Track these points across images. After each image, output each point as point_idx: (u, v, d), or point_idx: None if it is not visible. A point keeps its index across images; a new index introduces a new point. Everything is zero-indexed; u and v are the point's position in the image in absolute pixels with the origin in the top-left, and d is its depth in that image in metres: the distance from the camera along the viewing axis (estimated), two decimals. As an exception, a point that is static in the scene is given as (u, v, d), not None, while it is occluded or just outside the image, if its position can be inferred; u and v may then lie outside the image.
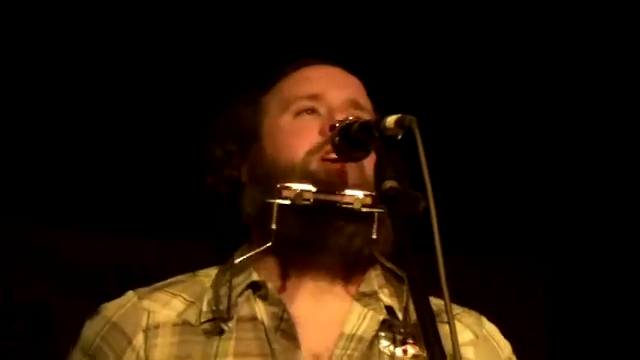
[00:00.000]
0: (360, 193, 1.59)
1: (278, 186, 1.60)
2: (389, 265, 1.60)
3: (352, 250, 1.61)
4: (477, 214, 4.14)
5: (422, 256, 1.41)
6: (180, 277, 1.70)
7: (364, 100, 1.71)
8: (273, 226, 1.58)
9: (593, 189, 4.23)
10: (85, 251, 3.96)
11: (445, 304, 1.35)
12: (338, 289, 1.64)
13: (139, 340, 1.59)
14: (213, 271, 1.69)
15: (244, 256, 1.62)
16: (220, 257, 1.71)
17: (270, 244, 1.59)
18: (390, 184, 1.46)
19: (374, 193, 1.56)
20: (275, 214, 1.58)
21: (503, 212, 4.21)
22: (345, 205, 1.58)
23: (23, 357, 3.91)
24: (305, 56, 1.79)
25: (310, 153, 1.62)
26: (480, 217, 4.16)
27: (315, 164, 1.61)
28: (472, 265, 3.88)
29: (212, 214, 1.72)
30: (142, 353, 1.59)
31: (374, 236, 1.59)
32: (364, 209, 1.59)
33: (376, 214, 1.58)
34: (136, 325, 1.61)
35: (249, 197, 1.66)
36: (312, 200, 1.59)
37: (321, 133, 1.62)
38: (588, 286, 4.37)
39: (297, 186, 1.59)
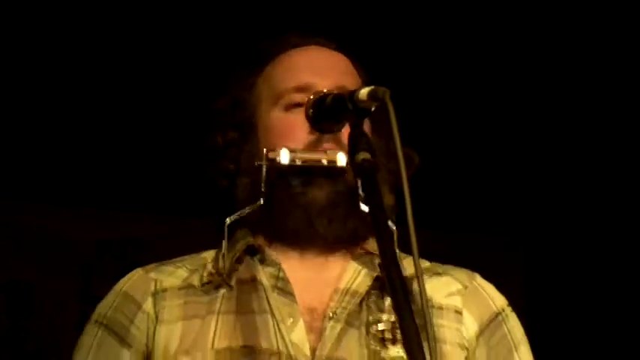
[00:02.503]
0: (342, 155, 1.63)
1: (265, 149, 1.67)
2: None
3: (340, 206, 1.66)
4: (456, 189, 4.16)
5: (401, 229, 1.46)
6: (183, 257, 1.78)
7: (352, 83, 1.73)
8: (263, 188, 1.65)
9: (572, 162, 4.27)
10: (64, 227, 3.97)
11: (414, 262, 1.39)
12: (335, 250, 1.71)
13: (149, 304, 1.69)
14: (212, 251, 1.77)
15: (236, 215, 1.68)
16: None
17: (260, 202, 1.65)
18: (363, 155, 1.49)
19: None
20: (264, 175, 1.65)
21: (482, 187, 4.24)
22: (329, 164, 1.64)
23: (3, 331, 3.93)
24: (291, 29, 1.83)
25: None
26: (459, 192, 4.18)
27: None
28: (452, 241, 3.91)
29: (211, 203, 1.78)
30: (152, 315, 1.68)
31: (360, 192, 1.62)
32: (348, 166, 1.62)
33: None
34: (144, 292, 1.70)
35: (243, 183, 1.72)
36: (298, 160, 1.65)
37: (305, 111, 1.66)
38: (568, 261, 4.41)
39: (284, 150, 1.66)
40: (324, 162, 1.65)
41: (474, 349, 1.70)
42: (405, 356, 1.48)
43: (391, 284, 1.39)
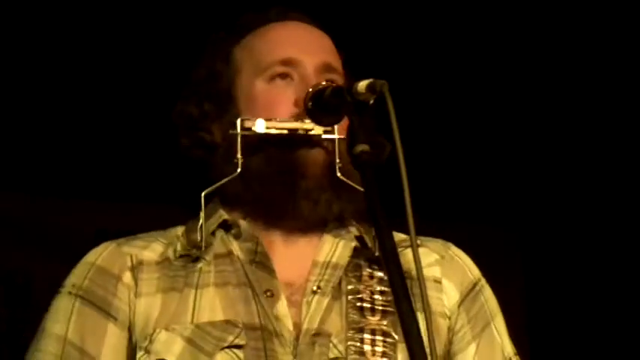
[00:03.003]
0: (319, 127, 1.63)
1: (240, 119, 1.66)
2: (352, 184, 1.63)
3: (323, 177, 1.66)
4: (453, 179, 4.17)
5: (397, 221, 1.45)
6: (152, 232, 1.76)
7: (336, 62, 1.75)
8: (239, 156, 1.64)
9: (568, 150, 4.27)
10: (63, 217, 3.98)
11: (410, 233, 1.41)
12: (310, 221, 1.70)
13: (128, 277, 1.67)
14: (181, 227, 1.75)
15: (212, 187, 1.67)
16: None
17: (238, 171, 1.64)
18: (361, 147, 1.50)
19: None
20: (239, 144, 1.64)
21: (478, 177, 4.24)
22: (307, 132, 1.64)
23: (1, 322, 3.94)
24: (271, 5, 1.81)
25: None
26: (456, 182, 4.18)
27: None
28: (449, 231, 3.92)
29: (185, 174, 1.76)
30: (132, 287, 1.66)
31: (337, 161, 1.64)
32: (325, 135, 1.64)
33: (336, 140, 1.64)
34: (121, 266, 1.68)
35: (220, 154, 1.70)
36: (274, 128, 1.65)
37: (296, 104, 1.66)
38: (567, 251, 4.41)
39: (261, 120, 1.65)
40: (301, 131, 1.65)
41: (455, 317, 1.72)
42: (383, 325, 1.61)
43: (391, 280, 1.41)
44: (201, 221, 1.68)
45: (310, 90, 1.62)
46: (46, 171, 3.87)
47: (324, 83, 1.63)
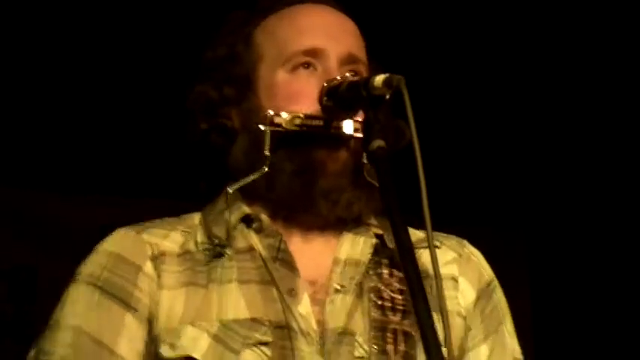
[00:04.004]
0: (349, 123, 1.61)
1: (269, 113, 1.62)
2: (373, 180, 1.60)
3: (344, 176, 1.63)
4: (457, 181, 4.17)
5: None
6: (167, 218, 1.73)
7: (360, 51, 1.71)
8: (267, 152, 1.60)
9: (571, 150, 4.28)
10: (68, 213, 3.98)
11: (427, 230, 1.41)
12: (329, 220, 1.67)
13: (149, 267, 1.62)
14: (196, 214, 1.72)
15: (240, 183, 1.63)
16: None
17: (265, 169, 1.61)
18: (377, 143, 1.49)
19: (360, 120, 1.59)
20: (268, 140, 1.61)
21: (482, 179, 4.25)
22: (335, 131, 1.61)
23: (7, 317, 3.94)
24: None
25: None
26: (461, 185, 4.18)
27: None
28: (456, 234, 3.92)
29: (200, 161, 1.72)
30: (155, 278, 1.62)
31: (364, 160, 1.60)
32: (356, 134, 1.61)
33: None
34: (141, 255, 1.63)
35: (241, 144, 1.67)
36: (303, 126, 1.61)
37: (319, 97, 1.62)
38: (572, 252, 4.42)
39: (288, 115, 1.62)
40: (331, 129, 1.62)
41: (471, 316, 1.71)
42: (404, 324, 1.60)
43: (407, 275, 1.40)
44: (226, 216, 1.65)
45: (325, 85, 1.61)
46: (49, 167, 3.88)
47: (338, 78, 1.61)
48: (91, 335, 1.59)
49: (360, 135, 1.60)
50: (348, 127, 1.61)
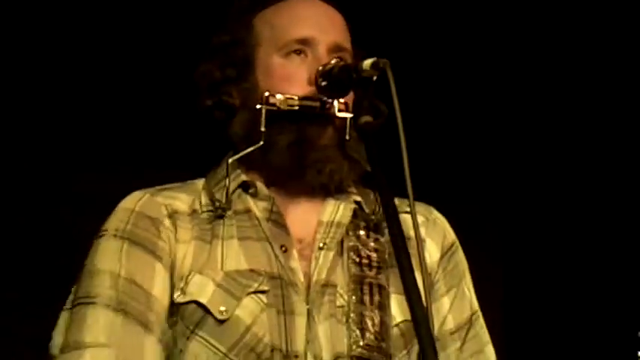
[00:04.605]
0: (336, 104, 1.82)
1: (265, 94, 1.83)
2: (355, 154, 1.83)
3: (330, 150, 1.85)
4: (434, 157, 4.20)
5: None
6: (174, 184, 1.95)
7: (346, 41, 1.92)
8: (263, 129, 1.82)
9: (547, 132, 4.36)
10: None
11: (409, 199, 1.62)
12: (315, 187, 1.89)
13: (168, 222, 1.85)
14: (200, 180, 1.95)
15: (239, 155, 1.86)
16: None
17: (261, 143, 1.82)
18: (365, 118, 1.70)
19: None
20: (264, 118, 1.82)
21: (458, 156, 4.34)
22: (323, 111, 1.83)
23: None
24: None
25: None
26: (437, 161, 4.21)
27: None
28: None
29: (205, 132, 1.94)
30: (173, 232, 1.84)
31: (347, 137, 1.82)
32: (340, 114, 1.82)
33: (348, 119, 1.81)
34: (159, 213, 1.85)
35: (240, 120, 1.89)
36: (296, 106, 1.83)
37: (309, 82, 1.84)
38: (545, 225, 4.49)
39: (282, 96, 1.84)
40: (320, 110, 1.83)
41: (435, 272, 1.95)
42: (379, 279, 1.83)
43: (392, 233, 1.60)
44: (226, 183, 1.87)
45: (320, 68, 1.81)
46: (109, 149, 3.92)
47: (332, 62, 1.81)
48: (129, 278, 1.80)
49: (344, 115, 1.82)
50: (335, 107, 1.82)
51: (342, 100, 1.82)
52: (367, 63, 1.71)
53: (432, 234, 1.97)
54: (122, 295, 1.78)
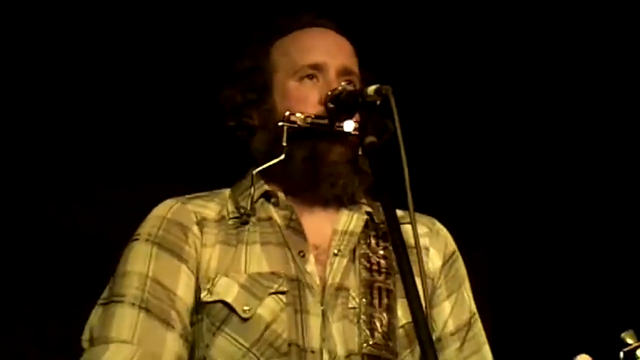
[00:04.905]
0: (350, 123, 1.99)
1: (287, 113, 2.02)
2: (366, 168, 1.98)
3: (342, 164, 2.03)
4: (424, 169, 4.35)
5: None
6: (202, 193, 2.13)
7: (353, 65, 2.11)
8: (284, 144, 2.01)
9: (528, 141, 4.47)
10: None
11: (409, 211, 1.80)
12: (329, 198, 2.08)
13: (195, 229, 2.03)
14: (226, 190, 2.14)
15: (263, 167, 2.03)
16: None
17: (283, 157, 2.00)
18: (370, 139, 1.89)
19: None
20: (285, 134, 2.01)
21: (451, 169, 4.47)
22: (338, 129, 2.00)
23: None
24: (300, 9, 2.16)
25: None
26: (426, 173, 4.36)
27: None
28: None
29: (229, 150, 2.13)
30: (199, 238, 2.02)
31: (360, 153, 1.99)
32: (353, 132, 1.99)
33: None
34: (189, 220, 2.04)
35: (261, 138, 2.08)
36: (311, 124, 2.01)
37: (320, 102, 2.03)
38: (529, 219, 4.61)
39: (301, 114, 2.02)
40: (336, 126, 2.01)
41: (437, 278, 2.12)
42: (387, 283, 1.99)
43: (394, 243, 1.79)
44: (251, 192, 2.05)
45: (329, 93, 2.00)
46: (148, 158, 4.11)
47: (339, 88, 2.00)
48: (155, 279, 1.97)
49: (356, 133, 1.98)
50: (348, 126, 2.00)
51: (353, 120, 1.99)
52: (372, 89, 1.90)
53: (435, 243, 2.15)
54: (148, 295, 1.95)
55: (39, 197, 4.10)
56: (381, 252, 2.06)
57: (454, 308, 2.13)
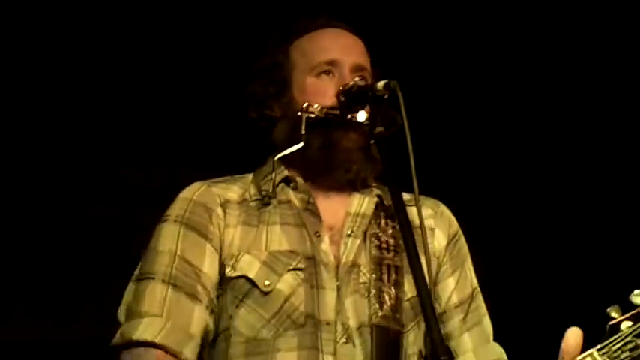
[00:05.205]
0: (363, 114, 2.13)
1: (305, 105, 2.19)
2: (376, 155, 2.08)
3: (355, 152, 2.18)
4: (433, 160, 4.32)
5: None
6: (227, 177, 2.29)
7: (366, 62, 2.28)
8: (303, 132, 2.16)
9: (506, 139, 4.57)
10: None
11: (415, 194, 1.96)
12: (343, 183, 2.23)
13: (219, 211, 2.20)
14: (248, 175, 2.30)
15: (283, 153, 2.19)
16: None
17: (302, 144, 2.16)
18: (379, 129, 2.05)
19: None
20: (304, 123, 2.16)
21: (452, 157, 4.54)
22: (352, 119, 2.15)
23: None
24: (317, 12, 2.33)
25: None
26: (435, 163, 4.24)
27: None
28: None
29: (251, 138, 2.30)
30: (222, 219, 2.18)
31: (372, 142, 2.10)
32: (365, 122, 2.13)
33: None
34: (213, 202, 2.20)
35: (281, 128, 2.25)
36: (327, 114, 2.16)
37: (335, 95, 2.18)
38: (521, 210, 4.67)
39: (318, 105, 2.18)
40: (348, 117, 2.16)
41: (442, 256, 2.29)
42: (395, 260, 2.14)
43: (400, 224, 1.95)
44: (273, 177, 2.22)
45: (342, 88, 2.16)
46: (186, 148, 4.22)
47: (351, 83, 2.16)
48: (183, 257, 2.14)
49: (368, 123, 2.12)
50: (361, 116, 2.14)
51: (365, 111, 2.13)
52: (380, 84, 2.07)
53: (440, 224, 2.31)
54: (176, 272, 2.12)
55: (73, 187, 4.24)
56: (390, 231, 2.22)
57: (458, 283, 2.28)
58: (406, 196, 2.07)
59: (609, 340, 1.92)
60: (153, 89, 4.16)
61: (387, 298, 2.14)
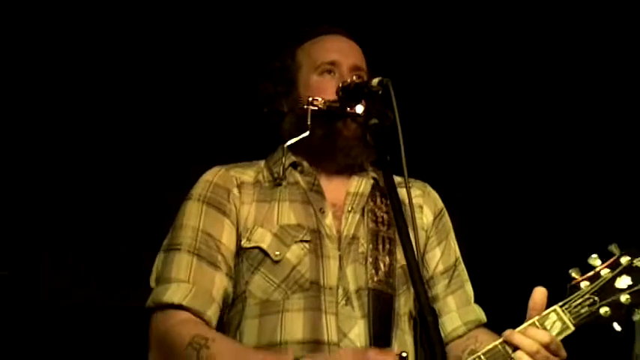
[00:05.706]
0: (360, 107, 2.36)
1: (310, 98, 2.42)
2: (371, 142, 2.33)
3: (354, 139, 2.41)
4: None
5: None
6: (243, 162, 2.52)
7: (363, 63, 2.54)
8: (309, 122, 2.40)
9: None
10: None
11: (404, 177, 2.19)
12: (343, 166, 2.47)
13: (236, 191, 2.45)
14: (260, 161, 2.55)
15: (292, 140, 2.42)
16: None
17: (307, 133, 2.38)
18: (373, 120, 2.31)
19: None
20: (309, 115, 2.39)
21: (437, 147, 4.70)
22: (351, 111, 2.39)
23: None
24: (319, 22, 2.58)
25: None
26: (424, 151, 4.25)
27: None
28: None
29: (263, 130, 2.56)
30: (238, 198, 2.42)
31: (367, 131, 2.37)
32: (362, 114, 2.37)
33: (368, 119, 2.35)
34: (231, 184, 2.45)
35: (289, 120, 2.49)
36: (329, 107, 2.39)
37: (336, 92, 2.43)
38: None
39: (321, 99, 2.40)
40: (348, 109, 2.40)
41: (430, 230, 2.53)
42: (389, 233, 2.35)
43: (392, 203, 2.19)
44: (283, 161, 2.46)
45: (341, 85, 2.43)
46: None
47: (349, 80, 2.42)
48: (205, 231, 2.38)
49: (362, 115, 2.37)
50: (359, 108, 2.38)
51: (361, 104, 2.36)
52: (375, 81, 2.32)
53: (427, 202, 2.56)
54: (199, 244, 2.36)
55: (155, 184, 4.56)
56: (384, 208, 2.47)
57: (443, 253, 2.53)
58: (397, 179, 2.31)
59: (570, 298, 2.16)
60: (211, 95, 4.36)
61: (381, 265, 2.36)
